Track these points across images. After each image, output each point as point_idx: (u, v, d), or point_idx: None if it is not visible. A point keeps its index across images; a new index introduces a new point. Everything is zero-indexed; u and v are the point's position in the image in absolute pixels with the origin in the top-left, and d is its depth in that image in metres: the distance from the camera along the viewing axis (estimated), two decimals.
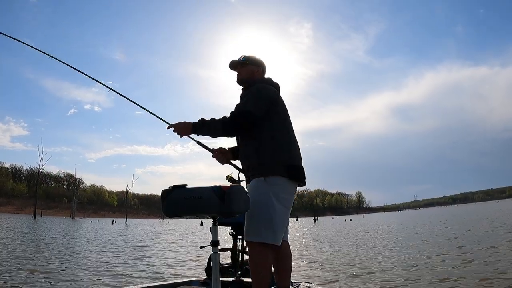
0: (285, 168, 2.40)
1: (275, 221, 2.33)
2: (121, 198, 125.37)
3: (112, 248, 11.59)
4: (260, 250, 2.33)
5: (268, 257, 2.35)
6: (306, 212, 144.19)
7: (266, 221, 2.33)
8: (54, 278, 5.85)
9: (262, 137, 2.46)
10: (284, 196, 2.41)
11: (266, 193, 2.36)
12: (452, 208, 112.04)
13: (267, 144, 2.44)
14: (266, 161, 2.42)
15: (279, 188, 2.39)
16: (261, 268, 2.32)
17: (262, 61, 2.75)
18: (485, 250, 8.06)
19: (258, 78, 2.67)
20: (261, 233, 2.32)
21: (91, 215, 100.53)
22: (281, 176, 2.40)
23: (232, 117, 2.44)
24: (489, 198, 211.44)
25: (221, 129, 2.43)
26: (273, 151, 2.43)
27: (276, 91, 2.65)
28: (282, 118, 2.57)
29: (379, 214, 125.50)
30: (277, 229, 2.34)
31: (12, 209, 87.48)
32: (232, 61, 2.72)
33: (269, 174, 2.39)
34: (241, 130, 2.50)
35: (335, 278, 6.03)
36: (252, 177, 2.50)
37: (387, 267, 6.78)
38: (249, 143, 2.52)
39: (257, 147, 2.46)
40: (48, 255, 8.85)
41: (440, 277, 5.47)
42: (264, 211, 2.34)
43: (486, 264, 6.30)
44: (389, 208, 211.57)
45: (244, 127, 2.46)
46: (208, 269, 3.59)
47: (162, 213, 2.25)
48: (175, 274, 6.58)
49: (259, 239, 2.33)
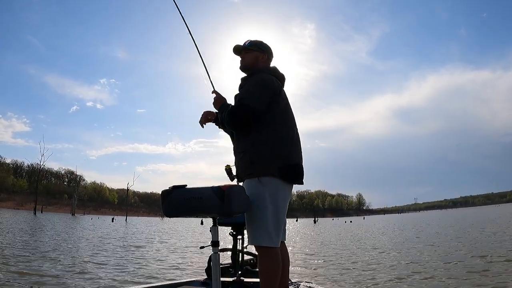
0: (279, 169, 2.29)
1: (271, 223, 2.27)
2: (122, 195, 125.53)
3: (113, 247, 11.59)
4: (263, 253, 2.29)
5: (271, 260, 2.28)
6: (306, 213, 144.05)
7: (262, 224, 2.27)
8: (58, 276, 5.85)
9: (259, 132, 2.33)
10: (279, 197, 2.32)
11: (261, 194, 2.28)
12: (452, 211, 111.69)
13: (264, 140, 2.32)
14: (260, 159, 2.30)
15: (274, 189, 2.30)
16: (266, 271, 2.26)
17: (268, 47, 2.60)
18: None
19: (262, 66, 2.53)
20: (258, 236, 2.28)
21: (91, 212, 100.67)
22: (274, 177, 2.29)
23: (231, 111, 2.35)
24: (489, 202, 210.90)
25: (226, 121, 2.39)
26: (270, 147, 2.31)
27: (279, 83, 2.50)
28: (283, 112, 2.43)
29: (379, 216, 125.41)
30: (273, 231, 2.28)
31: (12, 204, 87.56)
32: (237, 46, 2.57)
33: (262, 175, 2.29)
34: (240, 124, 2.35)
35: (335, 278, 6.03)
36: (246, 177, 2.39)
37: (387, 267, 6.77)
38: (244, 137, 2.39)
39: (253, 142, 2.34)
40: (53, 252, 8.86)
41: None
42: (259, 213, 2.27)
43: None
44: (389, 210, 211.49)
45: (244, 121, 2.32)
46: (208, 269, 3.58)
47: (162, 213, 2.25)
48: (175, 274, 6.58)
49: (256, 242, 2.30)
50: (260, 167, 2.30)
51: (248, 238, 2.37)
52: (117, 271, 6.58)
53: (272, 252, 2.28)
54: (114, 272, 6.51)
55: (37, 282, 5.25)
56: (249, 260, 3.78)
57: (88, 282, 5.54)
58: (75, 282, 5.48)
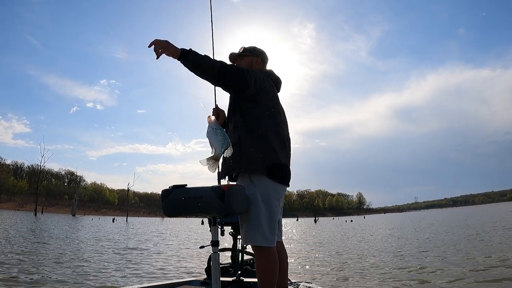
0: (267, 167, 2.29)
1: (264, 223, 2.26)
2: (122, 196, 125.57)
3: (115, 247, 11.60)
4: (258, 253, 2.29)
5: (267, 259, 2.29)
6: (307, 212, 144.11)
7: (255, 224, 2.26)
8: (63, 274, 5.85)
9: (250, 127, 2.33)
10: (272, 196, 2.32)
11: (253, 194, 2.27)
12: (452, 210, 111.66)
13: (253, 137, 2.31)
14: (249, 153, 2.29)
15: (266, 188, 2.29)
16: (263, 270, 2.27)
17: (262, 51, 2.63)
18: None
19: (257, 69, 2.53)
20: (252, 237, 2.28)
21: (92, 213, 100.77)
22: (265, 176, 2.29)
23: (227, 65, 2.27)
24: (490, 201, 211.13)
25: (216, 68, 2.21)
26: (260, 145, 2.30)
27: (272, 84, 2.52)
28: (271, 108, 2.42)
29: (380, 215, 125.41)
30: (267, 231, 2.27)
31: (13, 205, 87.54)
32: (231, 54, 2.61)
33: (254, 174, 2.29)
34: (229, 81, 2.26)
35: (336, 278, 6.02)
36: (237, 174, 2.39)
37: (387, 268, 6.77)
38: (236, 127, 2.37)
39: (242, 136, 2.33)
40: (58, 251, 8.86)
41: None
42: (252, 214, 2.27)
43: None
44: (389, 209, 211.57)
45: (236, 81, 2.26)
46: (208, 269, 3.58)
47: (162, 212, 2.24)
48: (175, 274, 6.58)
49: (250, 242, 2.30)
50: (251, 163, 2.29)
51: (242, 238, 2.37)
52: (117, 271, 6.57)
53: (268, 252, 2.28)
54: (114, 271, 6.50)
55: (38, 283, 5.25)
56: (249, 260, 3.77)
57: (89, 282, 5.53)
58: (76, 281, 5.48)
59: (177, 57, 2.16)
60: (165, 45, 2.13)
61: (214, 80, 2.29)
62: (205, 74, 2.23)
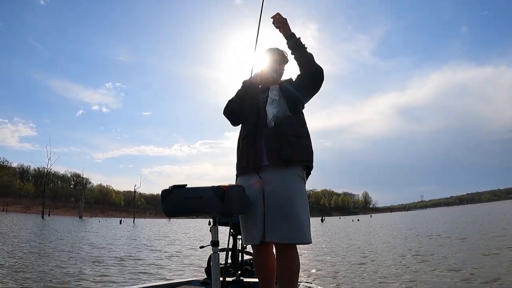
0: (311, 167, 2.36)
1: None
2: (128, 198, 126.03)
3: (122, 247, 11.66)
4: (296, 252, 2.27)
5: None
6: (313, 212, 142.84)
7: (309, 221, 2.33)
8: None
9: (304, 124, 2.40)
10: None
11: (304, 189, 2.33)
12: (460, 208, 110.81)
13: (308, 133, 2.39)
14: (311, 150, 2.36)
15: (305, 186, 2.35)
16: (296, 272, 2.25)
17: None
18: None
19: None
20: (308, 233, 2.27)
21: (98, 215, 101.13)
22: (306, 174, 2.35)
23: (319, 66, 2.32)
24: (496, 199, 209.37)
25: (313, 59, 2.32)
26: (311, 142, 2.39)
27: None
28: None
29: (386, 214, 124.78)
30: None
31: (19, 208, 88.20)
32: (283, 55, 2.54)
33: (307, 169, 2.35)
34: (317, 79, 2.34)
35: (336, 278, 6.01)
36: (292, 161, 2.24)
37: (387, 269, 6.75)
38: (296, 114, 2.36)
39: (304, 132, 2.37)
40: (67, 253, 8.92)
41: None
42: (306, 210, 2.31)
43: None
44: (395, 208, 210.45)
45: (320, 79, 2.34)
46: (208, 269, 3.59)
47: (162, 212, 2.23)
48: (175, 274, 6.62)
49: (306, 240, 2.25)
50: (310, 157, 2.35)
51: (291, 235, 2.21)
52: (117, 271, 6.61)
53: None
54: (114, 272, 6.54)
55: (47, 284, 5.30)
56: (249, 260, 3.78)
57: (90, 282, 5.57)
58: (78, 281, 5.54)
59: (287, 36, 2.36)
60: (285, 21, 2.37)
61: (311, 66, 2.32)
62: (305, 55, 2.33)
